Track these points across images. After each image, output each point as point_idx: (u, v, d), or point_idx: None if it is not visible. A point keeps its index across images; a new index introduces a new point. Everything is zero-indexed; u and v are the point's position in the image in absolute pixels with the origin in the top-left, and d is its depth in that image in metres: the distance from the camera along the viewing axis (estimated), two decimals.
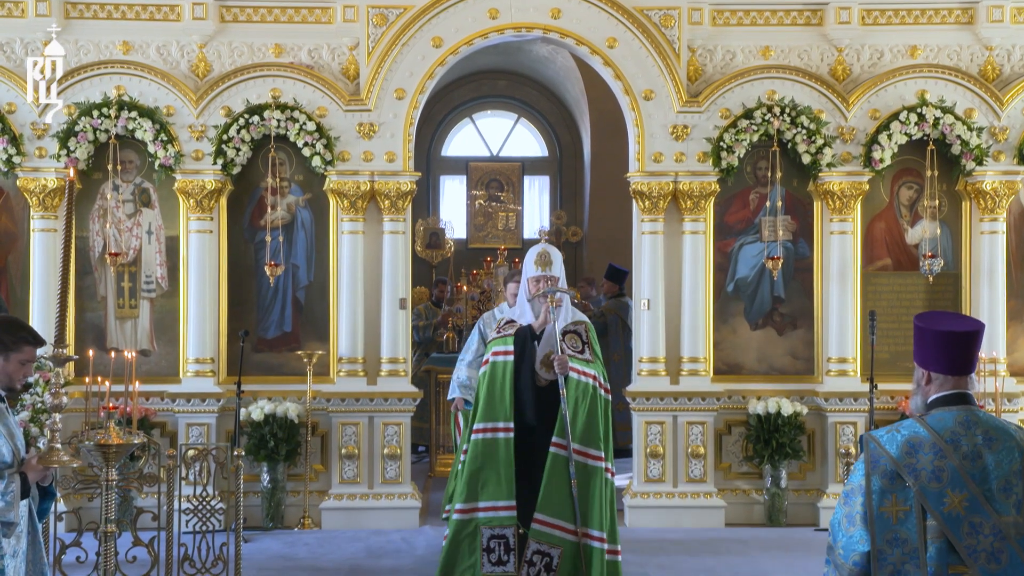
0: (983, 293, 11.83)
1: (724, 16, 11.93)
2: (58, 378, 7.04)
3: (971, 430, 5.22)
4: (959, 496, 5.10)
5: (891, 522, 5.10)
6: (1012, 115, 11.81)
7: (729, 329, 12.01)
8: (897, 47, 11.98)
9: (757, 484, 11.85)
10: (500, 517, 8.26)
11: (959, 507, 5.08)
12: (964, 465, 5.15)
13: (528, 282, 8.57)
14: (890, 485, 5.13)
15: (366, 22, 11.73)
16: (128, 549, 9.01)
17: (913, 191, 11.99)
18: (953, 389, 5.33)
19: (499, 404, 8.34)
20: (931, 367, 5.37)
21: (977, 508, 5.09)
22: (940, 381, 5.35)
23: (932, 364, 5.37)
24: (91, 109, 11.49)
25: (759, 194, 11.95)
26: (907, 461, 5.14)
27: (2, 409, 6.18)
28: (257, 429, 11.36)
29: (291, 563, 10.08)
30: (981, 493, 5.12)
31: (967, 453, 5.17)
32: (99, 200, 11.71)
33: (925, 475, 5.11)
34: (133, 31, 11.76)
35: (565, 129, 22.13)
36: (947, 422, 5.23)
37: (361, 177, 11.69)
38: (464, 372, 10.57)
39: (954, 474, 5.11)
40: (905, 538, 5.08)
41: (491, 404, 8.35)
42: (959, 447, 5.17)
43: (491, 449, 8.31)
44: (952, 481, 5.10)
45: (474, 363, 10.24)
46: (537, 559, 8.18)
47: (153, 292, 11.81)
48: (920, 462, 5.15)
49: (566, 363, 8.27)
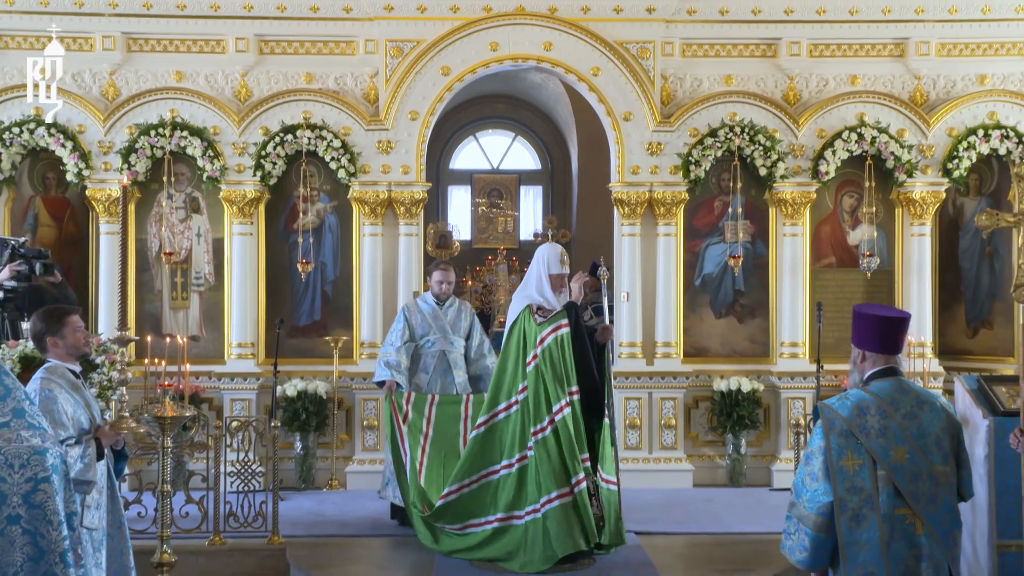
0: (913, 287, 11.88)
1: (692, 49, 11.96)
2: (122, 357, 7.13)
3: (906, 395, 5.34)
4: (901, 449, 5.21)
5: (849, 474, 5.21)
6: (937, 135, 11.85)
7: (697, 318, 12.03)
8: (840, 76, 12.01)
9: (720, 451, 11.88)
10: (587, 468, 8.22)
11: (902, 459, 5.19)
12: (903, 424, 5.26)
13: (552, 277, 8.47)
14: (845, 442, 5.24)
15: (384, 54, 11.77)
16: (181, 506, 9.07)
17: (854, 199, 12.03)
18: (885, 365, 5.43)
19: (565, 376, 8.22)
20: (866, 347, 5.47)
21: (916, 459, 5.21)
22: (874, 359, 5.45)
23: (867, 344, 5.47)
24: (149, 129, 11.51)
25: (722, 202, 11.97)
26: (857, 422, 5.26)
27: (79, 383, 6.24)
28: (291, 404, 11.38)
29: (321, 519, 10.08)
30: (919, 447, 5.24)
31: (906, 414, 5.28)
32: (155, 207, 11.73)
33: (873, 432, 5.22)
34: (185, 62, 11.79)
35: (556, 145, 22.11)
36: (887, 389, 5.34)
37: (380, 187, 11.72)
38: (394, 355, 9.79)
39: (896, 432, 5.22)
40: (861, 486, 5.19)
41: (566, 375, 8.21)
42: (899, 408, 5.29)
43: (575, 417, 8.20)
44: (895, 437, 5.22)
45: (403, 348, 9.84)
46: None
47: (202, 286, 11.85)
48: (868, 422, 5.26)
49: (611, 332, 8.43)
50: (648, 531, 9.59)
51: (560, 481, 8.07)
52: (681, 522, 10.07)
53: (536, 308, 8.41)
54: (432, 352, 9.94)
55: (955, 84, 12.03)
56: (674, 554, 9.03)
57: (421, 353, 9.95)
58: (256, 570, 8.93)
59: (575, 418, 8.19)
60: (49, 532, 4.26)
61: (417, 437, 9.09)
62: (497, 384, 8.51)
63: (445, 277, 10.09)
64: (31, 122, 11.52)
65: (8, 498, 4.22)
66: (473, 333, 10.14)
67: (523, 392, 8.28)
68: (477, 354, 10.11)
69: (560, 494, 8.06)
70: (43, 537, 4.26)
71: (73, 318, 6.36)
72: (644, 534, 9.47)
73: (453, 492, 8.55)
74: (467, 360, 10.07)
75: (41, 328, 6.29)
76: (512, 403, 8.36)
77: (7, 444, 4.24)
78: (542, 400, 8.20)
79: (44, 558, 4.25)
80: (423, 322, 9.94)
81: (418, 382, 9.86)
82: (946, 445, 5.34)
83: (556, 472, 8.09)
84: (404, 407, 9.18)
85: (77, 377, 6.26)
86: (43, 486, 4.28)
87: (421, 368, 9.93)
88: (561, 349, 8.23)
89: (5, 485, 4.21)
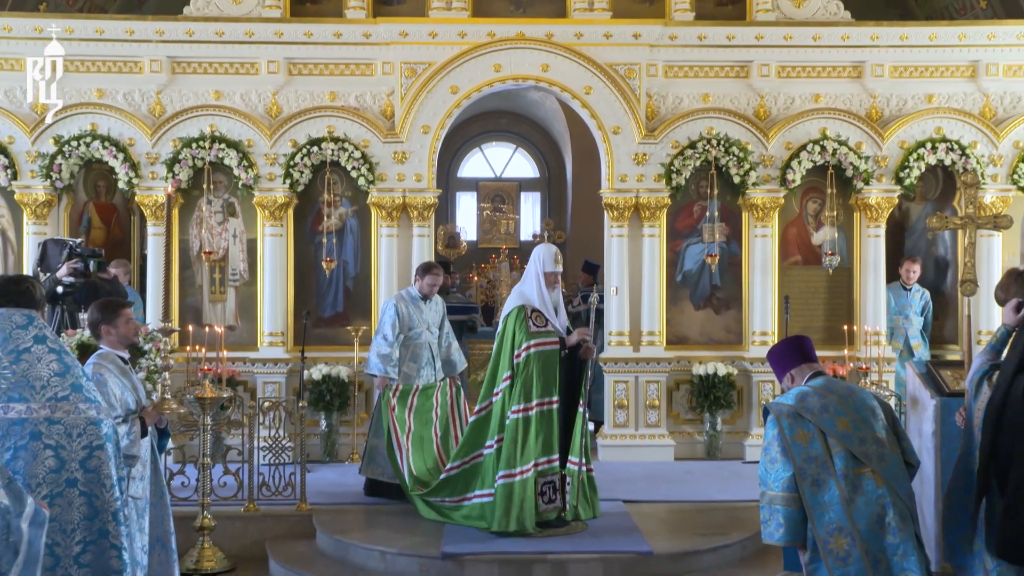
0: (869, 281, 11.89)
1: (674, 70, 11.97)
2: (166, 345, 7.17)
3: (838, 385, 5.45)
4: (844, 419, 5.27)
5: (803, 446, 5.26)
6: (890, 147, 11.86)
7: (678, 310, 12.03)
8: (805, 95, 12.00)
9: (699, 428, 11.88)
10: (553, 467, 8.25)
11: (847, 427, 5.25)
12: (841, 402, 5.34)
13: (547, 275, 8.41)
14: (794, 422, 5.30)
15: (399, 75, 11.78)
16: (220, 477, 9.10)
17: (817, 204, 12.03)
18: (811, 371, 5.52)
19: (552, 384, 8.24)
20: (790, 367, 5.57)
21: (859, 427, 5.26)
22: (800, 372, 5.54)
23: (790, 365, 5.57)
24: (191, 142, 11.55)
25: (701, 206, 11.97)
26: (801, 405, 5.32)
27: (127, 368, 6.28)
28: (317, 386, 11.39)
29: (343, 488, 10.08)
30: (859, 417, 5.31)
31: (841, 396, 5.37)
32: (196, 212, 11.75)
33: (817, 410, 5.29)
34: (223, 83, 11.80)
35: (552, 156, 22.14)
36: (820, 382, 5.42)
37: (395, 193, 11.73)
38: (386, 348, 9.75)
39: (836, 407, 5.29)
40: (816, 455, 5.24)
41: (547, 384, 8.22)
42: (834, 392, 5.38)
43: (548, 418, 8.23)
44: (836, 411, 5.28)
45: (395, 342, 9.79)
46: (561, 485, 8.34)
47: (237, 281, 11.86)
48: (810, 403, 5.32)
49: (592, 352, 8.42)
50: (634, 499, 9.62)
51: (512, 464, 8.18)
52: (664, 491, 10.09)
53: (531, 312, 8.35)
54: (421, 344, 9.98)
55: (906, 102, 12.04)
56: (658, 519, 9.05)
57: (411, 345, 9.97)
58: (286, 534, 8.96)
59: (548, 421, 8.23)
60: (103, 494, 4.30)
61: (403, 428, 9.25)
62: (492, 373, 8.52)
63: (438, 281, 10.14)
64: (88, 136, 11.57)
65: (67, 463, 4.27)
66: (444, 324, 10.26)
67: (506, 381, 8.31)
68: (445, 342, 10.23)
69: (507, 475, 8.18)
70: (97, 498, 4.30)
71: (126, 311, 6.42)
72: (631, 502, 9.50)
73: (454, 468, 8.65)
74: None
75: (97, 317, 6.35)
76: (498, 391, 8.40)
77: (66, 415, 4.28)
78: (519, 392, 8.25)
79: (98, 516, 4.29)
80: (413, 315, 9.97)
81: (408, 371, 9.89)
82: (881, 416, 5.41)
83: (511, 456, 8.20)
84: (392, 401, 9.32)
85: (125, 363, 6.31)
86: (98, 453, 4.32)
87: (411, 358, 9.95)
88: (545, 361, 8.24)
89: (64, 452, 4.26)
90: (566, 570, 7.87)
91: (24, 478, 3.91)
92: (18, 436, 4.19)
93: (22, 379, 4.25)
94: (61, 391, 4.30)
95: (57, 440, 4.26)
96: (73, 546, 4.24)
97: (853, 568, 5.07)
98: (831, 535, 5.13)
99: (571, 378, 8.43)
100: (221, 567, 8.55)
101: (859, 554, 5.07)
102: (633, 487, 10.11)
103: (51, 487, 4.23)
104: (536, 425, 8.20)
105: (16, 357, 4.28)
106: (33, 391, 4.25)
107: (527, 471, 8.16)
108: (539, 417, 8.21)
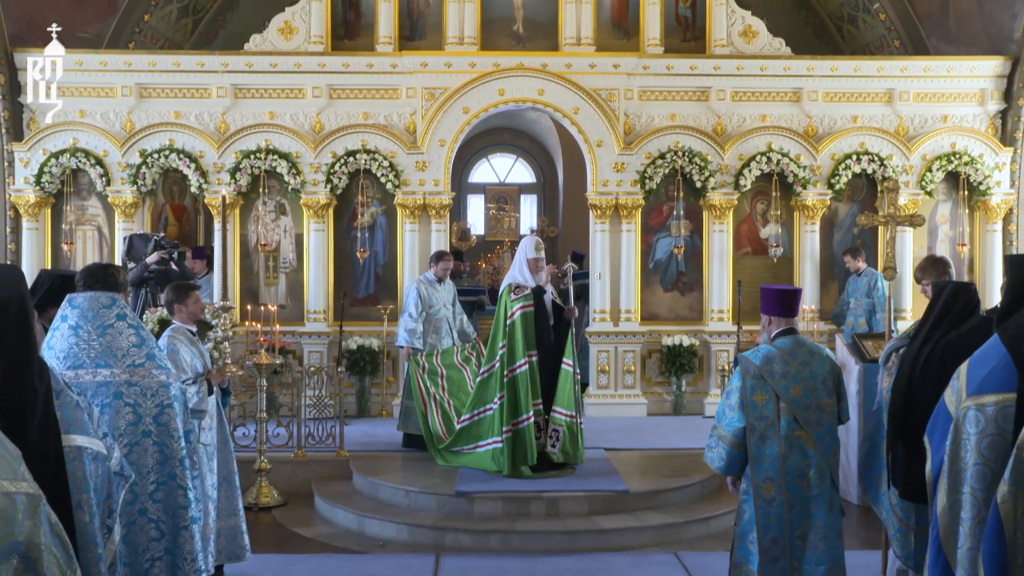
0: (807, 269, 11.88)
1: (647, 95, 11.92)
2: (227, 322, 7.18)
3: (801, 347, 5.39)
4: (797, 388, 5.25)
5: (759, 406, 5.25)
6: (823, 158, 11.84)
7: (650, 292, 12.01)
8: (754, 115, 11.95)
9: (667, 389, 11.87)
10: (539, 409, 8.28)
11: (798, 395, 5.24)
12: (800, 369, 5.30)
13: (529, 261, 8.50)
14: (757, 383, 5.28)
15: (420, 98, 11.75)
16: (274, 429, 9.17)
17: (764, 205, 12.01)
18: (785, 326, 5.47)
19: (528, 340, 8.27)
20: (771, 313, 5.50)
21: (808, 395, 5.26)
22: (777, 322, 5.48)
23: (772, 311, 5.50)
24: (249, 154, 11.54)
25: (669, 206, 11.94)
26: (766, 368, 5.29)
27: (195, 339, 6.30)
28: (353, 355, 11.38)
29: (374, 439, 10.12)
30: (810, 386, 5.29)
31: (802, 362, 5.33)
32: (254, 211, 11.74)
33: (778, 375, 5.26)
34: (275, 105, 11.77)
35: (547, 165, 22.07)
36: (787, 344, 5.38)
37: (417, 196, 11.71)
38: (413, 324, 9.85)
39: (794, 375, 5.27)
40: (767, 416, 5.24)
41: (527, 341, 8.25)
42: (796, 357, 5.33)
43: (532, 369, 8.25)
44: (793, 379, 5.26)
45: (419, 318, 9.89)
46: (553, 434, 8.31)
47: (287, 269, 11.85)
48: (774, 368, 5.30)
49: (574, 312, 8.43)
50: (613, 447, 9.66)
51: (512, 416, 8.23)
52: (638, 441, 10.11)
53: (515, 287, 8.45)
54: (440, 319, 10.08)
55: (836, 122, 11.99)
56: (632, 464, 9.08)
57: (432, 320, 10.03)
58: (328, 475, 9.00)
59: (532, 372, 8.25)
60: (171, 444, 4.32)
61: (436, 379, 9.24)
62: (492, 342, 8.55)
63: (449, 266, 10.30)
64: (166, 149, 11.57)
65: (143, 418, 4.28)
66: (456, 302, 10.34)
67: (503, 348, 8.37)
68: (458, 317, 10.31)
69: (515, 424, 8.22)
70: (167, 447, 4.32)
71: (195, 293, 6.44)
72: (610, 450, 9.53)
73: (466, 420, 8.70)
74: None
75: (171, 297, 6.38)
76: (497, 359, 8.42)
77: (142, 379, 4.30)
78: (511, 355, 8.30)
79: (168, 462, 4.31)
80: (432, 295, 10.02)
81: (432, 341, 9.97)
82: (830, 384, 5.38)
83: (511, 410, 8.24)
84: (421, 362, 9.32)
85: (194, 335, 6.34)
86: (167, 410, 4.34)
87: (433, 331, 10.04)
88: (525, 322, 8.28)
89: (141, 408, 4.28)
90: (558, 505, 7.92)
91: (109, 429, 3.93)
92: (104, 395, 4.22)
93: (107, 349, 4.27)
94: (138, 359, 4.32)
95: (135, 399, 4.28)
96: (148, 485, 4.27)
97: (775, 511, 5.26)
98: (764, 482, 5.28)
99: (558, 335, 8.44)
100: (276, 501, 8.62)
101: (782, 500, 5.26)
102: (613, 438, 10.13)
103: (130, 437, 4.26)
104: (526, 379, 8.24)
105: (102, 331, 4.29)
106: (115, 359, 4.27)
107: (528, 419, 8.21)
108: (526, 371, 8.25)
